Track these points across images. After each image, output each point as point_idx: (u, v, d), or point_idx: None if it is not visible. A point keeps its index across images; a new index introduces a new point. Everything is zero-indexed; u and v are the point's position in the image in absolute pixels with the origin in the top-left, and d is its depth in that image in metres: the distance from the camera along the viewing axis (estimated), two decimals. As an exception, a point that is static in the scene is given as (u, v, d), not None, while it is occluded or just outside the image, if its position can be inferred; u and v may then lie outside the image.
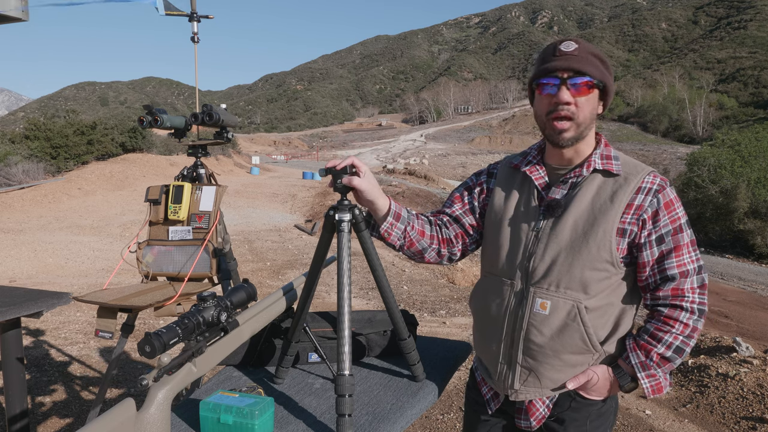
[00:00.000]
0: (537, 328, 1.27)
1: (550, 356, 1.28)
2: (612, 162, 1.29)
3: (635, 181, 1.26)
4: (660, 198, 1.25)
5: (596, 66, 1.23)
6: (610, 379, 1.30)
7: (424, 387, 1.47)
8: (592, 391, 1.31)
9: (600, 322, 1.27)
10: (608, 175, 1.28)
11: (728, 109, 58.51)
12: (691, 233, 1.27)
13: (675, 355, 1.25)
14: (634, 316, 1.36)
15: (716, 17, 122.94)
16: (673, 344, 1.24)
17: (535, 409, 1.35)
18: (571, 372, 1.29)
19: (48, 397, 3.57)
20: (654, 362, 1.26)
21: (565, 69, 1.21)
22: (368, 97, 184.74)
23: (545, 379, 1.30)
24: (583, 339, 1.26)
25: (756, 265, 13.92)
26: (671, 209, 1.25)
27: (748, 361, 4.32)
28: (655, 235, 1.25)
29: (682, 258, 1.24)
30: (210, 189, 2.73)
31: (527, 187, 1.36)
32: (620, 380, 1.29)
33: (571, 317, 1.25)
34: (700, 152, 20.29)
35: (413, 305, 6.89)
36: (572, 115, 1.23)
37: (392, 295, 1.41)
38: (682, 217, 1.26)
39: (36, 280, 7.23)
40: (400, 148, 51.48)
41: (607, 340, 1.30)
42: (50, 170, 17.66)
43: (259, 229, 12.54)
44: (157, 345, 0.95)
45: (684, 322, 1.24)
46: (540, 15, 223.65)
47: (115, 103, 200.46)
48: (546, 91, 1.25)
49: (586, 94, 1.23)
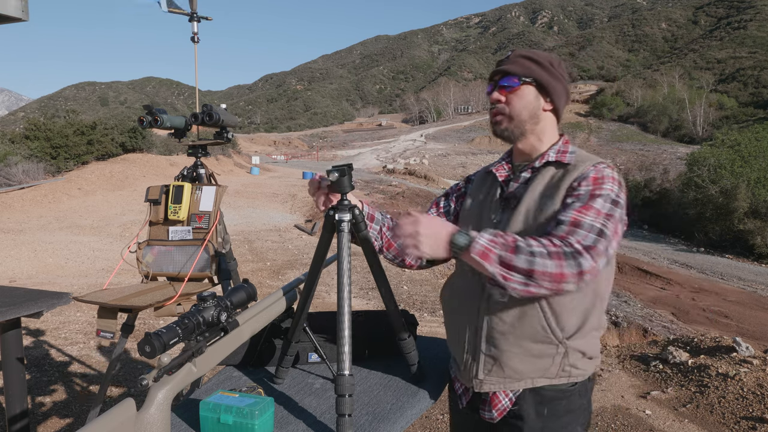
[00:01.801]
0: (498, 315, 1.30)
1: (511, 343, 1.29)
2: (566, 154, 1.34)
3: (582, 167, 1.29)
4: (593, 171, 1.27)
5: (524, 65, 1.34)
6: (444, 228, 1.16)
7: (424, 387, 1.47)
8: (409, 227, 1.15)
9: (564, 312, 1.26)
10: (560, 166, 1.33)
11: (728, 109, 58.48)
12: (611, 208, 1.19)
13: (522, 255, 1.10)
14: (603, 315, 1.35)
15: (716, 17, 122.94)
16: (531, 247, 1.11)
17: (498, 401, 1.35)
18: (534, 363, 1.29)
19: (48, 397, 3.57)
20: (502, 240, 1.14)
21: (496, 72, 1.38)
22: (368, 97, 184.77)
23: (508, 369, 1.31)
24: (542, 325, 1.26)
25: (756, 265, 13.91)
26: (598, 182, 1.24)
27: (748, 361, 4.32)
28: (572, 198, 1.23)
29: (583, 213, 1.18)
30: (210, 189, 2.73)
31: (493, 184, 1.45)
32: (456, 236, 1.15)
33: (530, 304, 1.26)
34: (700, 152, 20.29)
35: (413, 305, 6.89)
36: (502, 111, 1.37)
37: (392, 295, 1.41)
38: (609, 193, 1.22)
39: (36, 280, 7.23)
40: (400, 148, 51.47)
41: (575, 335, 1.28)
42: (50, 170, 17.65)
43: (259, 229, 12.54)
44: (157, 345, 0.95)
45: (555, 249, 1.11)
46: (540, 15, 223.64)
47: (115, 103, 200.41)
48: (488, 93, 1.41)
49: (515, 91, 1.35)
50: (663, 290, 10.00)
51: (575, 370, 1.31)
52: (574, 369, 1.31)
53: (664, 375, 4.54)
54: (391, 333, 1.46)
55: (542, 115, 1.37)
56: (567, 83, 1.40)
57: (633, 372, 4.77)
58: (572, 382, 1.33)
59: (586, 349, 1.31)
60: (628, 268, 11.76)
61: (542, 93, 1.36)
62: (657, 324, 7.28)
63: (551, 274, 1.09)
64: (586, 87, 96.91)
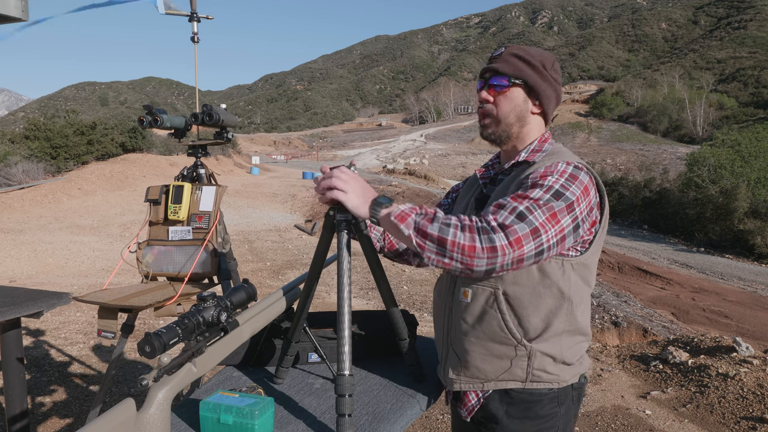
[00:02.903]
0: (461, 315, 1.31)
1: (474, 343, 1.29)
2: (537, 154, 1.32)
3: (541, 164, 1.27)
4: (545, 167, 1.23)
5: (515, 65, 1.31)
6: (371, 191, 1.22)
7: (424, 387, 1.47)
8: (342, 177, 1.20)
9: (524, 313, 1.24)
10: (527, 165, 1.31)
11: (728, 109, 58.40)
12: (548, 199, 1.14)
13: (437, 224, 1.10)
14: (577, 319, 1.28)
15: (716, 17, 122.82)
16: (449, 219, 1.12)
17: (467, 400, 1.35)
18: (495, 363, 1.28)
19: (48, 397, 3.57)
20: (423, 211, 1.15)
21: (486, 70, 1.35)
22: (368, 97, 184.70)
23: (472, 368, 1.31)
24: (500, 326, 1.25)
25: (756, 265, 13.90)
26: (544, 175, 1.20)
27: (748, 361, 4.32)
28: (518, 187, 1.22)
29: (510, 198, 1.15)
30: (210, 189, 2.73)
31: (475, 185, 1.46)
32: (380, 197, 1.20)
33: (489, 304, 1.26)
34: (700, 152, 20.25)
35: (413, 305, 6.89)
36: (490, 112, 1.35)
37: (392, 295, 1.41)
38: (553, 184, 1.17)
39: (36, 280, 7.23)
40: (400, 148, 51.46)
41: (538, 338, 1.25)
42: (50, 170, 17.66)
43: (259, 229, 12.54)
44: (157, 345, 0.95)
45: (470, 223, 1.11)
46: (540, 15, 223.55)
47: (115, 103, 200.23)
48: (478, 90, 1.38)
49: (504, 92, 1.32)
50: (663, 290, 10.00)
51: (545, 374, 1.27)
52: (544, 373, 1.27)
53: (664, 375, 4.54)
54: (391, 333, 1.46)
55: (530, 117, 1.35)
56: (559, 85, 1.37)
57: (633, 372, 4.77)
58: (547, 387, 1.28)
59: (555, 354, 1.26)
60: (628, 268, 11.76)
61: (531, 96, 1.34)
62: (657, 324, 7.27)
63: (462, 245, 1.07)
64: (586, 87, 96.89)
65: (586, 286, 1.30)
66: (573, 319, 1.28)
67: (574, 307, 1.27)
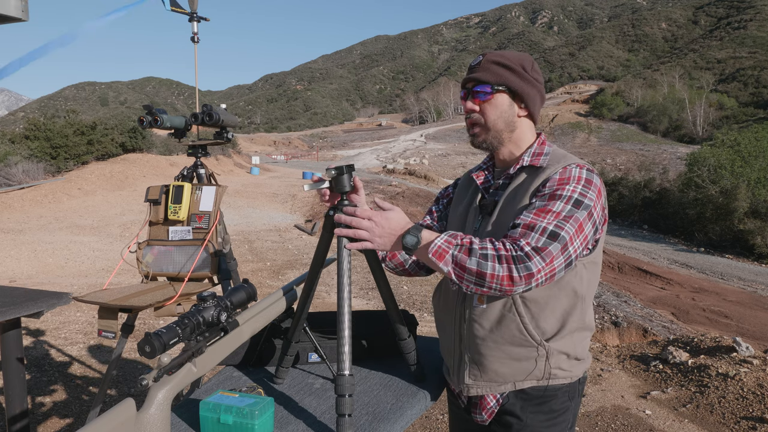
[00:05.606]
0: (477, 321, 1.31)
1: (492, 348, 1.30)
2: (540, 157, 1.33)
3: (551, 169, 1.28)
4: (559, 172, 1.26)
5: (496, 72, 1.32)
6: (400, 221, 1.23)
7: (424, 387, 1.47)
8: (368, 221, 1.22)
9: (542, 315, 1.27)
10: (534, 170, 1.32)
11: (728, 109, 58.36)
12: (571, 210, 1.17)
13: (474, 258, 1.13)
14: (587, 315, 1.33)
15: (716, 17, 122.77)
16: (485, 249, 1.14)
17: (486, 403, 1.37)
18: (515, 366, 1.30)
19: (48, 397, 3.57)
20: (458, 241, 1.17)
21: (468, 80, 1.36)
22: (368, 97, 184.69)
23: (491, 372, 1.32)
24: (519, 330, 1.27)
25: (756, 265, 13.90)
26: (562, 182, 1.23)
27: (748, 361, 4.32)
28: (535, 199, 1.24)
29: (538, 216, 1.17)
30: (210, 189, 2.73)
31: (475, 190, 1.45)
32: (406, 236, 1.20)
33: (507, 308, 1.27)
34: (700, 152, 20.24)
35: (413, 305, 6.89)
36: (478, 121, 1.36)
37: (392, 296, 1.41)
38: (572, 194, 1.20)
39: (36, 280, 7.23)
40: (400, 148, 51.47)
41: (555, 336, 1.29)
42: (50, 170, 17.66)
43: (259, 229, 12.54)
44: (157, 345, 0.95)
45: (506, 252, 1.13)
46: (540, 15, 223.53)
47: (115, 103, 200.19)
48: (462, 98, 1.39)
49: (489, 100, 1.33)
50: (663, 290, 10.00)
51: (561, 371, 1.32)
52: (560, 371, 1.31)
53: (664, 375, 4.54)
54: (391, 333, 1.46)
55: (518, 121, 1.36)
56: (541, 85, 1.38)
57: (633, 372, 4.77)
58: (559, 384, 1.33)
59: (570, 351, 1.31)
60: (628, 267, 11.76)
61: (516, 99, 1.35)
62: (657, 324, 7.27)
63: (500, 277, 1.12)
64: (586, 87, 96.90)
65: (595, 282, 1.34)
66: (584, 316, 1.32)
67: (585, 305, 1.32)
